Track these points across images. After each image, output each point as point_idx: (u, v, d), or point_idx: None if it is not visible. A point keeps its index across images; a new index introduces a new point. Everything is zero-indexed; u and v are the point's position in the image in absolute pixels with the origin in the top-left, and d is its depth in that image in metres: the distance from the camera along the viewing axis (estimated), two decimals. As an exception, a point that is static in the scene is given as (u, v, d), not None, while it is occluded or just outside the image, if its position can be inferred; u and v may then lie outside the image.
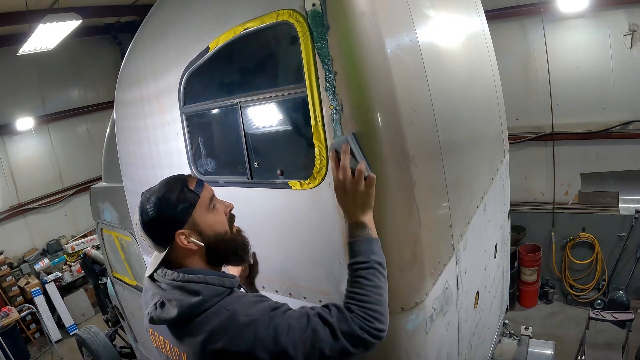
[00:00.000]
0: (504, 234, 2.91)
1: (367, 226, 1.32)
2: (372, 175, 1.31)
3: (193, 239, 1.33)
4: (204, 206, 1.36)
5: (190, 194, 1.35)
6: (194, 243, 1.33)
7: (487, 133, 2.47)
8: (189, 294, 1.27)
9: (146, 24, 1.94)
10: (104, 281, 4.51)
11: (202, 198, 1.36)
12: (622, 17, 5.46)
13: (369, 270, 1.28)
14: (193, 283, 1.28)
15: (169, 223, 1.31)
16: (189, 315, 1.26)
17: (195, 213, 1.34)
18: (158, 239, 1.34)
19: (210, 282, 1.29)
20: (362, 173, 1.30)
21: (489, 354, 2.68)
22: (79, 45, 7.94)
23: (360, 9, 1.30)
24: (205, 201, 1.37)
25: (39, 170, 7.89)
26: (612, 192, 5.93)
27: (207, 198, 1.38)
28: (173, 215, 1.31)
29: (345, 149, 1.30)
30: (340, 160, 1.32)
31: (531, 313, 6.23)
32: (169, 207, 1.31)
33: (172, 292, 1.29)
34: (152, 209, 1.32)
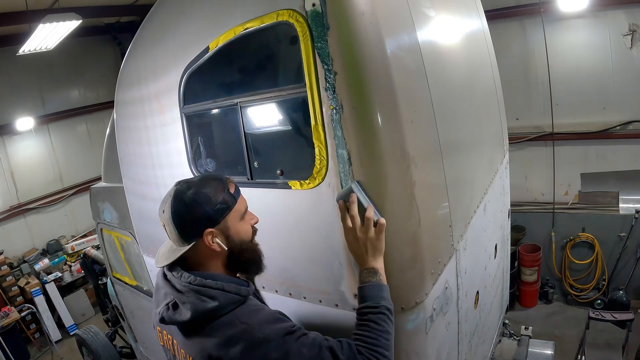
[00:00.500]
0: (504, 234, 2.91)
1: (378, 272, 1.34)
2: (382, 221, 1.33)
3: (219, 241, 1.32)
4: (237, 212, 1.36)
5: (229, 196, 1.34)
6: (219, 245, 1.31)
7: (487, 133, 2.47)
8: (205, 299, 1.25)
9: (146, 24, 1.94)
10: (104, 281, 4.51)
11: (238, 204, 1.36)
12: (622, 17, 5.46)
13: (378, 315, 1.30)
14: (210, 289, 1.27)
15: (202, 219, 1.29)
16: (202, 320, 1.25)
17: (229, 217, 1.33)
18: (185, 232, 1.31)
19: (227, 290, 1.28)
20: (371, 220, 1.32)
21: (489, 354, 2.68)
22: (79, 45, 7.95)
23: (360, 9, 1.30)
24: (240, 208, 1.37)
25: (39, 170, 7.89)
26: (612, 192, 5.93)
27: (242, 205, 1.39)
28: (209, 213, 1.29)
29: (352, 199, 1.33)
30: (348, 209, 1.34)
31: (531, 313, 6.23)
32: (207, 203, 1.29)
33: (188, 294, 1.27)
34: (189, 200, 1.29)
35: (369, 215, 1.32)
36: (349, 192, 1.34)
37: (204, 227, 1.30)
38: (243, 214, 1.38)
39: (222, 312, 1.25)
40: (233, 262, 1.37)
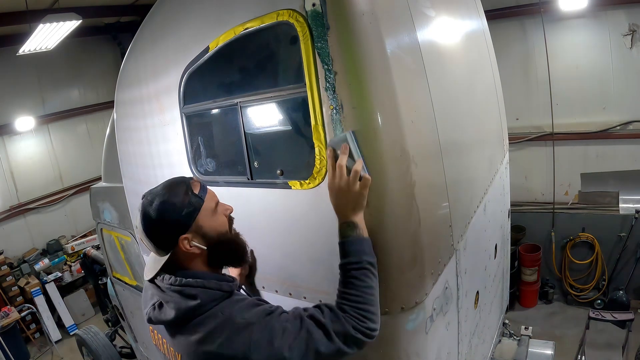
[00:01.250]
0: (504, 234, 2.91)
1: (358, 226, 1.32)
2: (368, 176, 1.31)
3: (196, 243, 1.32)
4: (207, 210, 1.35)
5: (195, 198, 1.33)
6: (197, 247, 1.32)
7: (487, 133, 2.47)
8: (186, 297, 1.27)
9: (146, 24, 1.94)
10: (104, 281, 4.50)
11: (206, 202, 1.36)
12: (622, 17, 5.46)
13: (361, 270, 1.29)
14: (191, 287, 1.29)
15: (172, 228, 1.30)
16: (185, 318, 1.27)
17: (199, 217, 1.33)
18: (160, 243, 1.33)
19: (208, 287, 1.30)
20: (357, 173, 1.29)
21: (489, 354, 2.68)
22: (79, 45, 7.94)
23: (360, 9, 1.30)
24: (209, 205, 1.36)
25: (39, 170, 7.89)
26: (612, 192, 5.93)
27: (212, 201, 1.38)
28: (177, 219, 1.30)
29: (344, 149, 1.30)
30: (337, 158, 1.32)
31: (531, 313, 6.23)
32: (173, 212, 1.30)
33: (171, 294, 1.29)
34: (155, 213, 1.30)
35: (357, 168, 1.29)
36: (341, 140, 1.31)
37: (177, 234, 1.30)
38: (214, 209, 1.38)
39: (205, 308, 1.27)
40: (214, 258, 1.38)
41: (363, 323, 1.25)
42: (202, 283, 1.30)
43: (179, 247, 1.31)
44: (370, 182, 1.32)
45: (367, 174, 1.31)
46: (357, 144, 1.31)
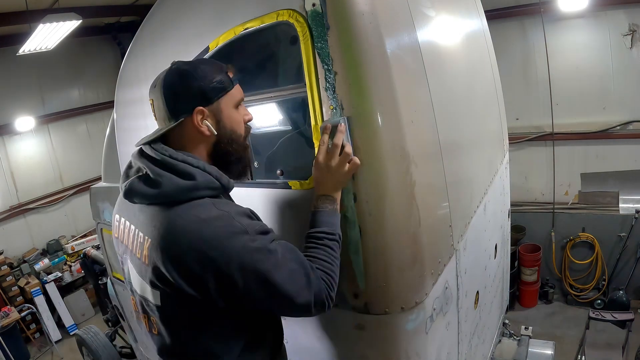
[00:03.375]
0: (504, 234, 2.91)
1: (336, 201, 1.32)
2: (357, 160, 1.31)
3: (208, 123, 1.23)
4: (232, 98, 1.27)
5: (227, 78, 1.25)
6: (208, 127, 1.23)
7: (487, 133, 2.47)
8: (181, 175, 1.16)
9: (146, 24, 1.94)
10: (104, 281, 4.50)
11: (234, 89, 1.28)
12: (622, 17, 5.45)
13: (333, 242, 1.29)
14: (190, 165, 1.18)
15: (194, 94, 1.20)
16: (172, 198, 1.15)
17: (223, 100, 1.24)
18: (175, 106, 1.21)
19: (208, 170, 1.19)
20: (349, 155, 1.30)
21: (489, 354, 2.68)
22: (79, 45, 7.94)
23: (360, 9, 1.30)
24: (235, 94, 1.28)
25: (39, 170, 7.89)
26: (612, 192, 5.93)
27: (239, 94, 1.31)
28: (203, 88, 1.20)
29: (341, 129, 1.30)
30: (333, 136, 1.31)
31: (531, 313, 6.22)
32: (202, 79, 1.21)
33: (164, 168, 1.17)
34: (184, 73, 1.21)
35: (347, 150, 1.30)
36: (337, 122, 1.31)
37: (195, 103, 1.20)
38: (238, 103, 1.30)
39: (198, 194, 1.16)
40: (218, 151, 1.28)
41: (331, 291, 1.24)
42: (202, 165, 1.19)
43: (191, 119, 1.21)
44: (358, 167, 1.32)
45: (355, 158, 1.31)
46: (349, 129, 1.32)
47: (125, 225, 1.32)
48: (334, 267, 1.27)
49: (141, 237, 1.21)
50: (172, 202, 1.15)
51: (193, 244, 1.09)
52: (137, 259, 1.23)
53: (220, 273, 1.10)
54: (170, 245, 1.12)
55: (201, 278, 1.10)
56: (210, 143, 1.28)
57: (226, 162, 1.31)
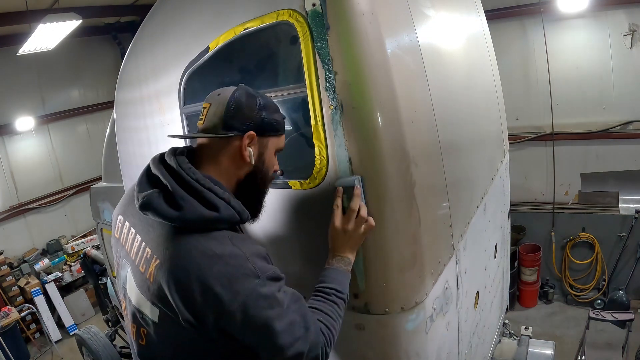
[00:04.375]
0: (504, 234, 2.91)
1: (351, 264, 1.36)
2: (372, 222, 1.34)
3: (252, 150, 1.25)
4: (277, 144, 1.33)
5: (282, 123, 1.33)
6: (250, 155, 1.25)
7: (487, 133, 2.47)
8: (206, 204, 1.14)
9: (146, 24, 1.94)
10: (104, 281, 4.51)
11: (282, 137, 1.34)
12: (622, 17, 5.46)
13: (341, 301, 1.31)
14: (216, 196, 1.16)
15: (254, 119, 1.24)
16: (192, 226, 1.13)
17: (271, 139, 1.30)
18: (231, 120, 1.22)
19: (233, 205, 1.18)
20: (364, 219, 1.33)
21: (489, 354, 2.68)
22: (79, 45, 7.94)
23: (360, 9, 1.30)
24: (281, 142, 1.35)
25: (39, 170, 7.89)
26: (612, 192, 5.93)
27: (282, 143, 1.36)
28: (264, 118, 1.25)
29: (357, 192, 1.32)
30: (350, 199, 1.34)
31: (531, 313, 6.23)
32: (266, 110, 1.26)
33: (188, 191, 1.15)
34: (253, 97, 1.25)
35: (363, 214, 1.33)
36: (352, 183, 1.33)
37: (251, 127, 1.23)
38: (279, 150, 1.35)
39: (216, 226, 1.15)
40: (248, 183, 1.29)
41: (327, 347, 1.23)
42: (228, 197, 1.18)
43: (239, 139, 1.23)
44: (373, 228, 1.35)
45: (371, 219, 1.34)
46: (363, 189, 1.34)
47: (130, 232, 1.30)
48: (337, 324, 1.27)
49: (148, 253, 1.19)
50: (189, 228, 1.13)
51: (201, 277, 1.08)
52: (140, 273, 1.22)
53: (221, 310, 1.09)
54: (179, 272, 1.11)
55: (203, 309, 1.10)
56: (244, 171, 1.29)
57: (250, 197, 1.31)
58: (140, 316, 1.25)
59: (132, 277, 1.28)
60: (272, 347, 1.15)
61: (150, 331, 1.25)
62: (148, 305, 1.21)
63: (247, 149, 1.24)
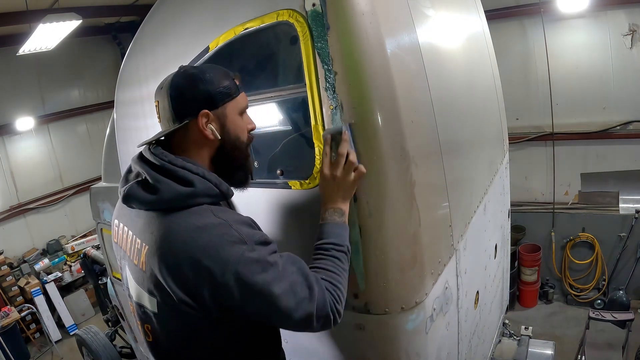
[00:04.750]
0: (504, 234, 2.91)
1: (344, 214, 1.31)
2: (362, 168, 1.30)
3: (213, 127, 1.22)
4: (237, 106, 1.27)
5: (233, 85, 1.26)
6: (212, 131, 1.22)
7: (487, 133, 2.47)
8: (180, 181, 1.14)
9: (146, 24, 1.94)
10: (104, 281, 4.51)
11: (240, 97, 1.28)
12: (622, 17, 5.45)
13: (341, 253, 1.27)
14: (189, 172, 1.16)
15: (201, 97, 1.20)
16: (170, 205, 1.14)
17: (228, 106, 1.24)
18: (180, 108, 1.20)
19: (208, 178, 1.18)
20: (353, 164, 1.29)
21: (489, 354, 2.68)
22: (79, 45, 7.94)
23: (360, 9, 1.30)
24: (241, 102, 1.29)
25: (39, 170, 7.89)
26: (612, 192, 5.93)
27: (244, 101, 1.31)
28: (210, 92, 1.21)
29: (345, 137, 1.29)
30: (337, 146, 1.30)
31: (531, 313, 6.22)
32: (209, 83, 1.21)
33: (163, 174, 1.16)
34: (191, 77, 1.21)
35: (352, 159, 1.29)
36: (340, 130, 1.31)
37: (201, 106, 1.20)
38: (242, 110, 1.30)
39: (195, 201, 1.14)
40: (221, 157, 1.27)
41: (337, 305, 1.19)
42: (202, 172, 1.18)
43: (196, 122, 1.20)
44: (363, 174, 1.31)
45: (361, 166, 1.31)
46: (352, 136, 1.32)
47: (124, 231, 1.31)
48: (342, 279, 1.23)
49: (138, 243, 1.20)
50: (170, 208, 1.14)
51: (188, 252, 1.07)
52: (135, 266, 1.22)
53: (215, 283, 1.07)
54: (167, 253, 1.11)
55: (196, 286, 1.09)
56: (214, 148, 1.27)
57: (228, 169, 1.30)
58: (142, 310, 1.26)
59: (129, 273, 1.29)
60: (276, 313, 1.11)
61: (153, 326, 1.24)
62: (146, 297, 1.20)
63: (207, 128, 1.21)
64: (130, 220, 1.27)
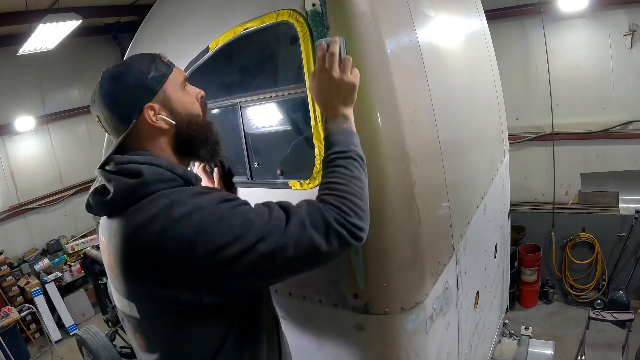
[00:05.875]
0: (504, 234, 2.91)
1: (349, 119, 1.19)
2: (357, 69, 1.21)
3: (163, 116, 1.13)
4: (176, 81, 1.18)
5: (162, 64, 1.17)
6: (164, 120, 1.13)
7: (487, 133, 2.47)
8: (128, 175, 1.07)
9: (146, 24, 1.94)
10: (104, 281, 4.51)
11: (174, 72, 1.19)
12: (622, 17, 5.46)
13: (348, 160, 1.12)
14: (136, 164, 1.09)
15: (136, 91, 1.11)
16: (124, 201, 1.07)
17: (167, 85, 1.15)
18: (122, 111, 1.11)
19: (157, 163, 1.09)
20: (350, 61, 1.19)
21: (489, 354, 2.68)
22: (79, 45, 7.94)
23: (360, 9, 1.30)
24: (177, 77, 1.19)
25: (39, 170, 7.88)
26: (612, 192, 5.93)
27: (180, 75, 1.21)
28: (142, 82, 1.11)
29: (335, 40, 1.20)
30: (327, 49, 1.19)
31: (531, 313, 6.23)
32: (138, 73, 1.12)
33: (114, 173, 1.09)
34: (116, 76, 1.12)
35: (347, 57, 1.19)
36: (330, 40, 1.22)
37: (142, 100, 1.11)
38: (183, 84, 1.21)
39: (149, 189, 1.06)
40: (182, 140, 1.18)
41: (347, 217, 1.03)
42: (149, 159, 1.10)
43: (144, 118, 1.11)
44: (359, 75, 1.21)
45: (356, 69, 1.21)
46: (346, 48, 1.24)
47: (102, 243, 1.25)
48: (351, 187, 1.07)
49: (108, 250, 1.15)
50: (125, 204, 1.07)
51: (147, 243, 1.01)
52: (111, 274, 1.16)
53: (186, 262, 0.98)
54: (127, 250, 1.05)
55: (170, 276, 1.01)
56: (171, 135, 1.18)
57: (193, 148, 1.21)
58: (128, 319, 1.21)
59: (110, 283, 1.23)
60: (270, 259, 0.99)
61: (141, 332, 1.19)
62: (126, 303, 1.15)
63: (159, 119, 1.13)
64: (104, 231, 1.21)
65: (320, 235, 1.01)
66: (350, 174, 1.11)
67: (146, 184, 1.06)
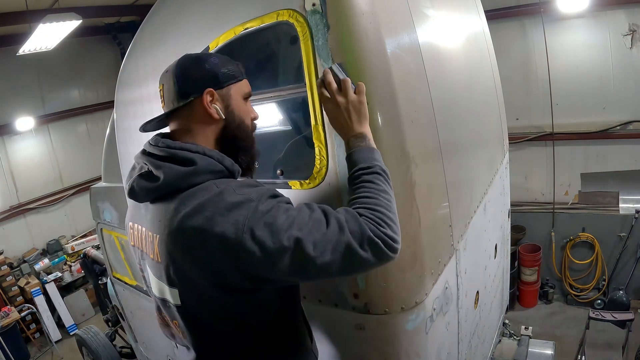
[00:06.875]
0: (504, 234, 2.91)
1: (367, 137, 1.23)
2: (361, 83, 1.24)
3: (217, 106, 1.20)
4: (241, 90, 1.26)
5: (238, 70, 1.25)
6: (217, 110, 1.20)
7: (487, 133, 2.47)
8: (181, 162, 1.12)
9: (146, 23, 1.94)
10: (104, 281, 4.50)
11: (244, 82, 1.27)
12: (622, 17, 5.46)
13: (373, 175, 1.16)
14: (189, 152, 1.14)
15: (206, 76, 1.19)
16: (174, 187, 1.11)
17: (233, 87, 1.23)
18: (185, 86, 1.18)
19: (209, 154, 1.15)
20: (348, 82, 1.23)
21: (489, 354, 2.68)
22: (79, 45, 7.94)
23: (360, 9, 1.30)
24: (244, 87, 1.27)
25: (39, 170, 7.89)
26: (612, 192, 5.93)
27: (247, 87, 1.29)
28: (215, 71, 1.20)
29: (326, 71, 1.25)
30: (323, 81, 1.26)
31: (531, 313, 6.22)
32: (215, 64, 1.21)
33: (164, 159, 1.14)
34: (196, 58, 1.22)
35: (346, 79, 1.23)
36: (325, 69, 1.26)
37: (206, 84, 1.19)
38: (246, 95, 1.28)
39: (200, 179, 1.11)
40: (227, 137, 1.24)
41: (382, 228, 1.05)
42: (202, 150, 1.15)
43: (200, 100, 1.18)
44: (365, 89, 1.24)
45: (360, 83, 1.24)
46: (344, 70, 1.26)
47: (138, 230, 1.29)
48: (380, 200, 1.10)
49: (150, 236, 1.18)
50: (174, 191, 1.11)
51: (196, 228, 1.04)
52: (152, 260, 1.20)
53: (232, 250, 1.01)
54: (175, 235, 1.08)
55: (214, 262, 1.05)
56: (219, 128, 1.23)
57: (234, 149, 1.25)
58: (166, 306, 1.24)
59: (149, 270, 1.26)
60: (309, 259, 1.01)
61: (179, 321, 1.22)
62: (167, 290, 1.18)
63: (212, 107, 1.20)
64: (141, 217, 1.26)
65: (357, 242, 1.03)
66: (377, 187, 1.14)
67: (197, 173, 1.11)
